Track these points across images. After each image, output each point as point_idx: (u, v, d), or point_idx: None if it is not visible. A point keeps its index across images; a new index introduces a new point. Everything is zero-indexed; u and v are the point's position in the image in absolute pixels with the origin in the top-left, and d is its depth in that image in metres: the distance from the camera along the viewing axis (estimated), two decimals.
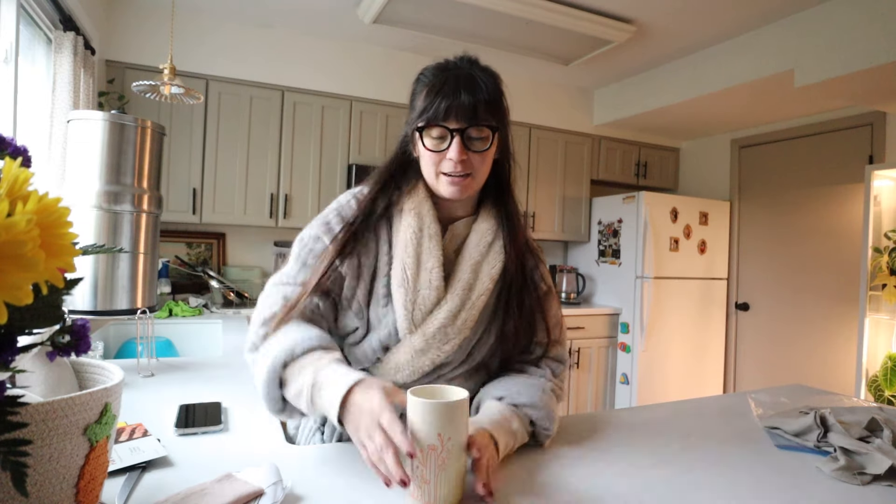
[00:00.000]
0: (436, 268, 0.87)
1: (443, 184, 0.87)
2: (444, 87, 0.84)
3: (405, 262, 0.86)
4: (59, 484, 0.50)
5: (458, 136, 0.83)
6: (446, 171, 0.86)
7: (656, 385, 3.45)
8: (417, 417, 0.64)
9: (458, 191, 0.86)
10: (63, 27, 1.94)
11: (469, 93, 0.83)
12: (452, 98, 0.83)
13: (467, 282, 0.88)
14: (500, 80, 0.90)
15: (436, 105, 0.83)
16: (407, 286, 0.85)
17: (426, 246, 0.87)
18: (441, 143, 0.85)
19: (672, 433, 1.01)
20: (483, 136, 0.85)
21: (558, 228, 3.75)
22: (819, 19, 2.47)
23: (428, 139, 0.86)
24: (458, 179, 0.86)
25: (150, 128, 1.45)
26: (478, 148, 0.85)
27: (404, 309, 0.85)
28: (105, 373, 0.65)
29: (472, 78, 0.86)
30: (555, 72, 3.44)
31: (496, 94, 0.88)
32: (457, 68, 0.88)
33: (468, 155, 0.85)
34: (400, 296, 0.85)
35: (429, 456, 0.63)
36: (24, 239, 0.35)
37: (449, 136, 0.84)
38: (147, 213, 1.46)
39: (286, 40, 3.01)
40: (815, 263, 3.27)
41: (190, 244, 3.06)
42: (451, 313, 0.86)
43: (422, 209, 0.90)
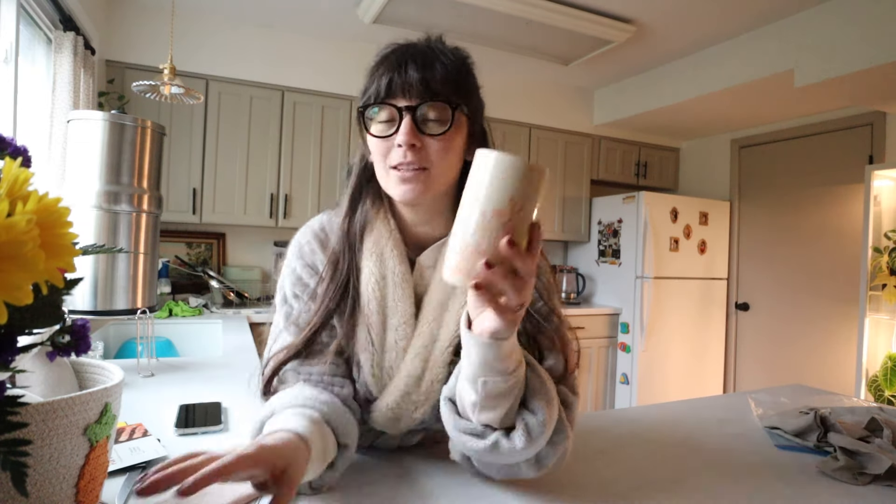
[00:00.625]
0: (401, 325, 0.73)
1: (392, 182, 0.71)
2: (388, 59, 0.70)
3: (369, 323, 0.73)
4: (59, 484, 0.50)
5: (408, 115, 0.67)
6: (395, 162, 0.69)
7: (656, 385, 3.45)
8: (487, 174, 0.50)
9: (410, 191, 0.69)
10: (63, 27, 1.94)
11: (421, 64, 0.68)
12: (398, 70, 0.68)
13: (429, 334, 0.73)
14: (467, 57, 0.75)
15: (377, 80, 0.69)
16: (372, 349, 0.73)
17: (391, 298, 0.74)
18: (388, 128, 0.69)
19: (672, 433, 1.01)
20: (441, 118, 0.68)
21: (558, 228, 3.75)
22: (819, 19, 2.47)
23: (374, 124, 0.70)
24: (410, 175, 0.68)
25: (149, 128, 1.45)
26: (434, 131, 0.68)
27: (371, 376, 0.74)
28: (105, 373, 0.65)
29: (427, 49, 0.71)
30: (555, 72, 3.44)
31: (458, 67, 0.71)
32: (408, 43, 0.73)
33: (422, 140, 0.68)
34: (366, 361, 0.74)
35: (491, 222, 0.50)
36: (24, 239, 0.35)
37: (397, 116, 0.68)
38: (147, 213, 1.46)
39: (286, 40, 3.01)
40: (816, 263, 3.27)
41: (190, 244, 3.06)
42: (412, 377, 0.73)
43: (384, 248, 0.75)
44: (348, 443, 0.67)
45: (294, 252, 0.80)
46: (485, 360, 0.58)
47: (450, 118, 0.68)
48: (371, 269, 0.74)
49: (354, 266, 0.76)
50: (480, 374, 0.59)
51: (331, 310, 0.74)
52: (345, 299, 0.74)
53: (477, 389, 0.59)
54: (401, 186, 0.70)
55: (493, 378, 0.59)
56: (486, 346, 0.57)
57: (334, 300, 0.74)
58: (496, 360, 0.58)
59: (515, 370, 0.60)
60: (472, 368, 0.59)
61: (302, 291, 0.76)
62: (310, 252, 0.78)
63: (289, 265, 0.79)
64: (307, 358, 0.73)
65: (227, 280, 2.91)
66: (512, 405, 0.62)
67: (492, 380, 0.59)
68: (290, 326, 0.75)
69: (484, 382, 0.59)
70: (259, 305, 2.88)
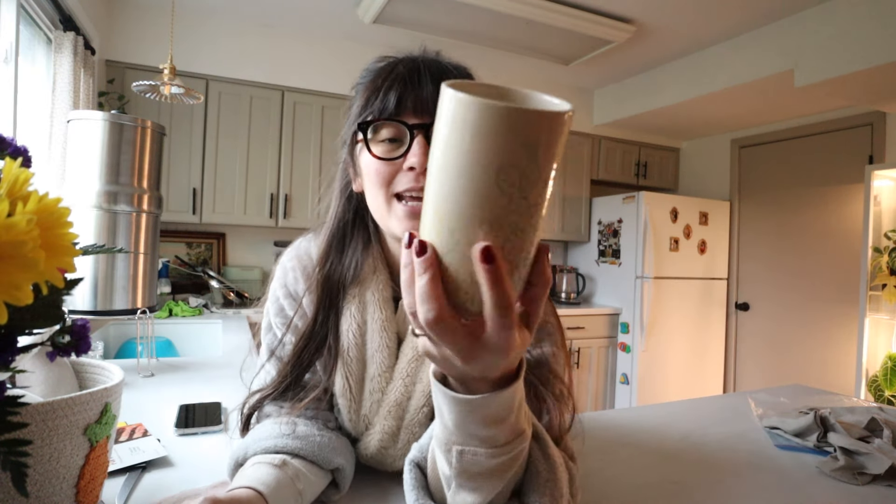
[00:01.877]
0: (377, 377, 0.68)
1: (397, 216, 0.61)
2: (393, 72, 0.61)
3: (347, 371, 0.68)
4: (59, 484, 0.50)
5: (420, 134, 0.58)
6: (403, 189, 0.60)
7: (656, 385, 3.45)
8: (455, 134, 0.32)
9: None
10: (63, 27, 1.94)
11: (434, 78, 0.60)
12: (409, 83, 0.60)
13: (403, 389, 0.67)
14: (474, 74, 0.68)
15: (384, 92, 0.60)
16: (349, 397, 0.69)
17: (370, 346, 0.68)
18: (395, 149, 0.60)
19: (672, 433, 1.01)
20: None
21: (558, 228, 3.75)
22: (819, 19, 2.47)
23: (375, 144, 0.61)
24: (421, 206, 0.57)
25: (149, 128, 1.45)
26: None
27: (349, 421, 0.70)
28: (105, 373, 0.65)
29: (436, 62, 0.64)
30: (555, 72, 3.44)
31: None
32: (412, 55, 0.65)
33: None
34: (343, 406, 0.69)
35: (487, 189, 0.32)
36: (24, 239, 0.35)
37: (407, 135, 0.59)
38: (147, 213, 1.46)
39: (286, 40, 3.01)
40: (816, 263, 3.27)
41: (190, 244, 3.06)
42: (387, 434, 0.67)
43: (367, 291, 0.69)
44: (340, 464, 0.66)
45: (279, 276, 0.75)
46: (462, 421, 0.41)
47: None
48: (353, 314, 0.69)
49: (334, 313, 0.70)
50: (456, 441, 0.43)
51: (307, 361, 0.69)
52: (322, 346, 0.69)
53: (451, 461, 0.44)
54: (409, 221, 0.59)
55: (472, 448, 0.42)
56: (463, 402, 0.40)
57: (309, 352, 0.69)
58: (480, 424, 0.41)
59: (511, 443, 0.43)
60: (445, 433, 0.44)
61: (282, 323, 0.72)
62: (293, 280, 0.73)
63: (273, 291, 0.75)
64: (290, 390, 0.69)
65: (227, 280, 2.91)
66: (502, 491, 0.45)
67: (471, 450, 0.43)
68: (272, 360, 0.72)
69: (460, 453, 0.43)
70: (259, 305, 2.87)
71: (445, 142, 0.33)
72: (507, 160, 0.31)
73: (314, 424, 0.68)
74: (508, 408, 0.41)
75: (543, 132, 0.31)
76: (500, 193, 0.32)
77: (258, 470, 0.60)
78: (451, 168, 0.33)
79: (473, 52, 2.94)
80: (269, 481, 0.58)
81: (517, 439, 0.44)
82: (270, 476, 0.59)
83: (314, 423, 0.68)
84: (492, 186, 0.32)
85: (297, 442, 0.64)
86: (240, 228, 3.13)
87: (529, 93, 0.36)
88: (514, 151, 0.31)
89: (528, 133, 0.31)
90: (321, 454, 0.65)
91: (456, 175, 0.33)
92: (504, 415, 0.41)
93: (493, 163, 0.31)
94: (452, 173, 0.33)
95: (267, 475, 0.59)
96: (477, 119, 0.31)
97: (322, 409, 0.70)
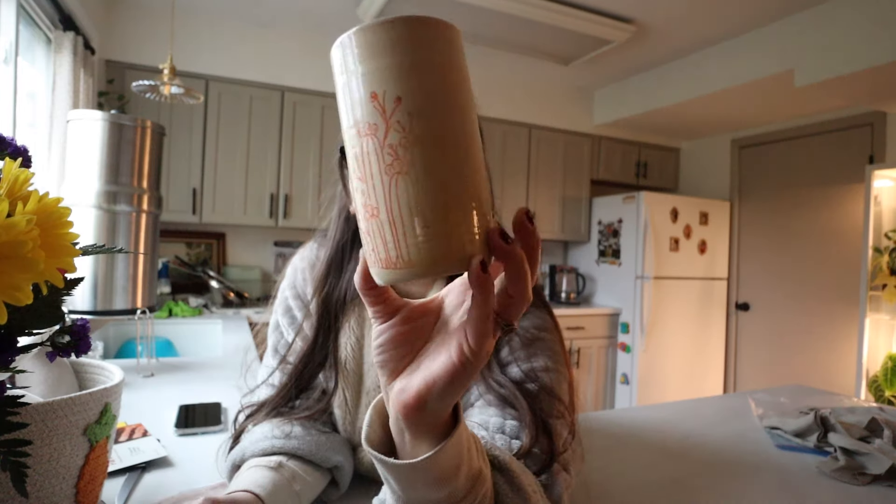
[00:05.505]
0: (373, 389, 0.70)
1: None
2: None
3: (345, 383, 0.70)
4: (59, 484, 0.50)
5: None
6: None
7: (656, 385, 3.45)
8: (336, 81, 0.30)
9: None
10: (63, 27, 1.94)
11: None
12: None
13: None
14: None
15: None
16: (345, 408, 0.70)
17: (367, 360, 0.70)
18: None
19: (672, 433, 1.01)
20: None
21: (558, 228, 3.75)
22: (819, 19, 2.47)
23: None
24: None
25: (149, 128, 1.45)
26: None
27: (344, 431, 0.71)
28: (105, 373, 0.64)
29: None
30: (555, 72, 3.44)
31: None
32: None
33: None
34: (339, 417, 0.71)
35: (365, 152, 0.29)
36: (24, 239, 0.35)
37: None
38: (147, 213, 1.46)
39: (286, 40, 3.01)
40: (816, 263, 3.27)
41: (190, 244, 3.06)
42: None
43: (363, 310, 0.71)
44: (339, 461, 0.66)
45: (289, 275, 0.78)
46: (413, 486, 0.37)
47: None
48: (352, 327, 0.71)
49: (334, 333, 0.72)
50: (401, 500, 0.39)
51: (307, 378, 0.70)
52: (323, 364, 0.71)
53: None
54: None
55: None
56: (409, 468, 0.36)
57: (309, 371, 0.70)
58: (433, 486, 0.37)
59: (472, 491, 0.39)
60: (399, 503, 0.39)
61: (289, 323, 0.75)
62: (302, 282, 0.76)
63: (282, 290, 0.78)
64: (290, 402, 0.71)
65: (226, 280, 2.91)
66: None
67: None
68: (274, 372, 0.73)
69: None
70: (259, 305, 2.88)
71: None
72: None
73: (312, 425, 0.68)
74: (459, 455, 0.37)
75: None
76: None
77: (254, 473, 0.60)
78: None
79: (473, 52, 2.94)
80: (266, 484, 0.58)
81: (477, 483, 0.40)
82: (266, 479, 0.59)
83: (311, 423, 0.69)
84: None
85: (294, 442, 0.64)
86: (240, 228, 3.13)
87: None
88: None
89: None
90: (319, 453, 0.65)
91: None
92: (457, 463, 0.37)
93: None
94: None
95: (263, 478, 0.59)
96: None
97: (320, 410, 0.71)
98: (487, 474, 0.42)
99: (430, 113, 0.28)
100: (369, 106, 0.28)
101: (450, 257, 0.28)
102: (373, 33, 0.28)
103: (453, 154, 0.28)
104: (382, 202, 0.28)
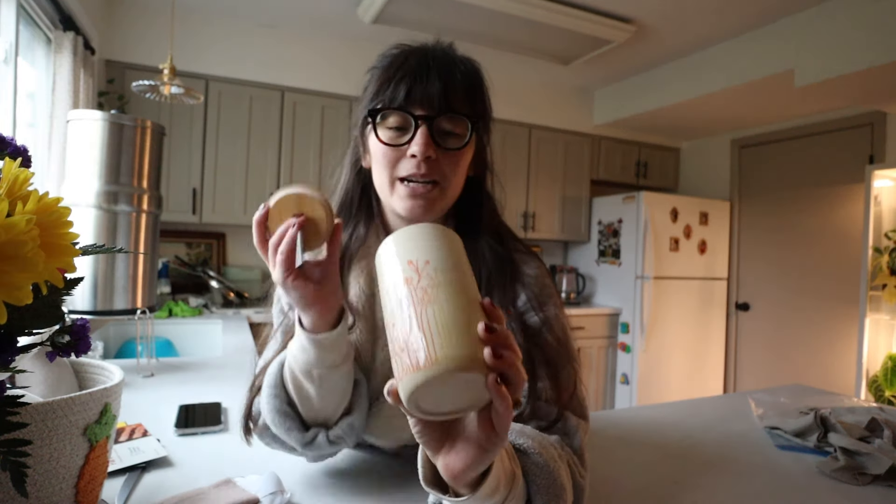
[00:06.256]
0: (385, 346, 0.69)
1: (399, 195, 0.66)
2: (406, 64, 0.65)
3: (358, 342, 0.69)
4: (59, 484, 0.50)
5: (424, 125, 0.63)
6: (405, 174, 0.65)
7: (656, 385, 3.45)
8: (379, 268, 0.46)
9: (420, 206, 0.65)
10: (63, 27, 1.94)
11: (441, 74, 0.64)
12: (418, 77, 0.64)
13: None
14: (480, 68, 0.72)
15: (394, 84, 0.64)
16: (360, 341, 0.70)
17: (379, 312, 0.68)
18: (401, 136, 0.65)
19: (672, 433, 1.01)
20: (458, 132, 0.65)
21: (558, 228, 3.75)
22: (819, 19, 2.47)
23: (383, 130, 0.66)
24: (422, 189, 0.65)
25: (149, 128, 1.45)
26: (451, 144, 0.65)
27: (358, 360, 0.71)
28: (105, 373, 0.64)
29: (446, 57, 0.68)
30: (555, 72, 3.44)
31: (477, 81, 0.69)
32: (424, 48, 0.69)
33: (437, 154, 0.64)
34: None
35: (403, 297, 0.41)
36: (24, 239, 0.35)
37: (412, 124, 0.64)
38: (146, 213, 1.46)
39: (286, 40, 3.01)
40: (816, 263, 3.27)
41: (190, 244, 3.06)
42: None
43: (371, 267, 0.70)
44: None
45: None
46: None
47: (467, 133, 0.66)
48: (361, 287, 0.70)
49: (342, 278, 0.71)
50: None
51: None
52: None
53: None
54: (410, 201, 0.65)
55: None
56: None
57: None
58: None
59: (509, 495, 0.48)
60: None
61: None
62: None
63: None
64: None
65: (226, 280, 2.91)
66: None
67: None
68: (283, 334, 0.72)
69: None
70: (259, 305, 2.88)
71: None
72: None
73: None
74: (498, 478, 0.46)
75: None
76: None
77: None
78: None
79: (473, 52, 2.92)
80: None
81: (513, 485, 0.48)
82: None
83: None
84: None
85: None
86: (240, 228, 3.13)
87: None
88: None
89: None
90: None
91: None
92: (496, 485, 0.46)
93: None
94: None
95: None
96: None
97: None
98: (520, 473, 0.50)
99: (449, 270, 0.42)
100: (408, 268, 0.42)
101: (465, 353, 0.38)
102: (409, 231, 0.45)
103: (462, 291, 0.41)
104: (415, 322, 0.39)
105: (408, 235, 0.45)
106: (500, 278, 0.69)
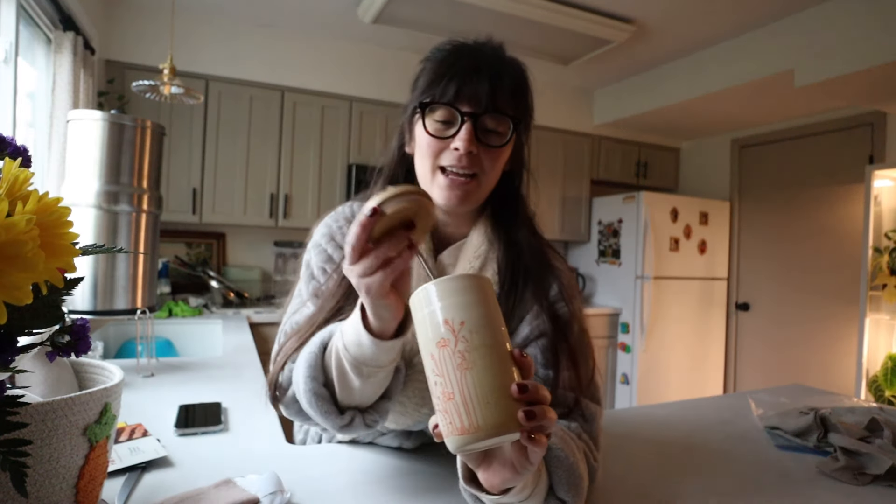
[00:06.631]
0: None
1: (439, 185, 0.70)
2: (458, 62, 0.69)
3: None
4: (59, 484, 0.50)
5: (469, 122, 0.67)
6: (447, 163, 0.69)
7: (656, 385, 3.45)
8: (415, 314, 0.47)
9: (457, 196, 0.69)
10: (63, 27, 1.94)
11: (490, 75, 0.68)
12: (468, 77, 0.68)
13: None
14: (526, 70, 0.75)
15: (446, 81, 0.68)
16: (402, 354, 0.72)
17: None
18: (446, 129, 0.69)
19: (672, 433, 1.01)
20: (500, 130, 0.70)
21: (558, 228, 3.75)
22: (819, 19, 2.47)
23: (430, 121, 0.70)
24: (461, 181, 0.69)
25: (149, 128, 1.45)
26: (492, 142, 0.69)
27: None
28: (105, 373, 0.64)
29: (496, 58, 0.71)
30: (555, 72, 3.44)
31: (523, 84, 0.73)
32: (476, 47, 0.72)
33: (478, 149, 0.68)
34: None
35: (442, 358, 0.44)
36: (24, 239, 0.35)
37: (458, 120, 0.68)
38: (146, 213, 1.46)
39: (286, 40, 3.01)
40: (816, 263, 3.27)
41: (190, 244, 3.06)
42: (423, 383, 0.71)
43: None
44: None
45: (323, 233, 0.79)
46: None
47: (509, 132, 0.70)
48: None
49: None
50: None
51: (347, 294, 0.70)
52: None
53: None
54: (448, 191, 0.69)
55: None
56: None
57: (346, 296, 0.70)
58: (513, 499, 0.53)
59: (535, 489, 0.55)
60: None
61: (332, 269, 0.75)
62: (339, 232, 0.78)
63: (317, 245, 0.79)
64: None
65: (226, 280, 2.91)
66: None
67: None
68: (314, 299, 0.74)
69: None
70: (259, 305, 2.88)
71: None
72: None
73: None
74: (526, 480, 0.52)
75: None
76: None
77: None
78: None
79: None
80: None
81: (539, 482, 0.55)
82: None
83: None
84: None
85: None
86: (240, 228, 3.13)
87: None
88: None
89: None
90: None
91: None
92: (525, 484, 0.52)
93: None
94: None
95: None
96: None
97: None
98: (543, 468, 0.56)
99: (482, 330, 0.43)
100: (444, 328, 0.44)
101: (502, 420, 0.42)
102: (444, 283, 0.45)
103: (495, 349, 0.43)
104: (457, 389, 0.42)
105: (443, 291, 0.45)
106: (537, 269, 0.75)
